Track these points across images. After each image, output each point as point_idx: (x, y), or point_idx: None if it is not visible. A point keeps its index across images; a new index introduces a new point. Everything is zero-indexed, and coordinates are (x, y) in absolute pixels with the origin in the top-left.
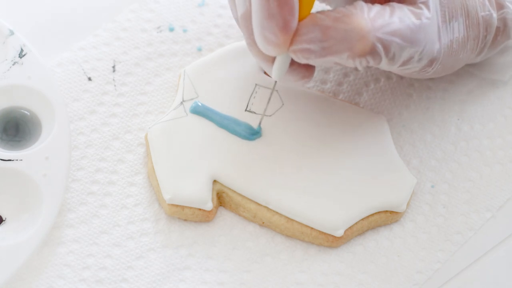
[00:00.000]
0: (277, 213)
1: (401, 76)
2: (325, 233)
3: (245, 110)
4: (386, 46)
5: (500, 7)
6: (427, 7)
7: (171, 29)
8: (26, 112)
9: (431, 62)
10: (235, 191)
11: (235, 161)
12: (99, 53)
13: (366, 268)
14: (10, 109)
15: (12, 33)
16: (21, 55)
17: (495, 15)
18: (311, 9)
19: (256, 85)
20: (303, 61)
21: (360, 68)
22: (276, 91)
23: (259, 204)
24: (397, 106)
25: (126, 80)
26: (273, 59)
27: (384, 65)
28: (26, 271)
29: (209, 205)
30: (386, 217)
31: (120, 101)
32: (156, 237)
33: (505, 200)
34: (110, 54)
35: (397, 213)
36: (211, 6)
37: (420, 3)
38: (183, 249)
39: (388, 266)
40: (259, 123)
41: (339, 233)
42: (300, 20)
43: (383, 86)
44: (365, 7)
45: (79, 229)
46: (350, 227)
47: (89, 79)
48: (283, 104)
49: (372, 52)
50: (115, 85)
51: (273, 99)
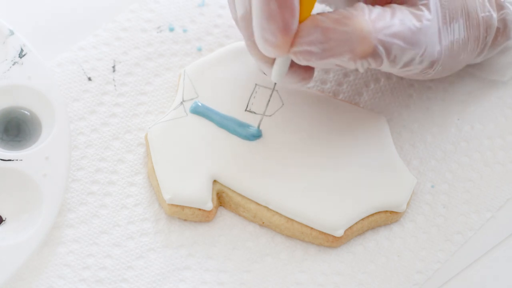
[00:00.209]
0: (277, 213)
1: (401, 77)
2: (325, 233)
3: (245, 110)
4: (388, 48)
5: (500, 8)
6: (428, 8)
7: (171, 29)
8: (26, 112)
9: (432, 64)
10: (235, 191)
11: (235, 161)
12: (99, 53)
13: (366, 268)
14: (10, 109)
15: (12, 33)
16: (21, 55)
17: (495, 15)
18: (311, 10)
19: (256, 85)
20: (304, 63)
21: (361, 70)
22: (276, 91)
23: (259, 204)
24: (397, 106)
25: (126, 80)
26: (273, 61)
27: (386, 67)
28: (26, 271)
29: (209, 205)
30: (386, 217)
31: (120, 101)
32: (156, 237)
33: (505, 200)
34: (110, 54)
35: (397, 213)
36: (211, 6)
37: (421, 4)
38: (183, 249)
39: (388, 266)
40: (258, 125)
41: (339, 233)
42: (301, 22)
43: (383, 86)
44: (366, 8)
45: (79, 229)
46: (350, 227)
47: (89, 79)
48: (283, 104)
49: (374, 54)
50: (115, 85)
51: (273, 99)
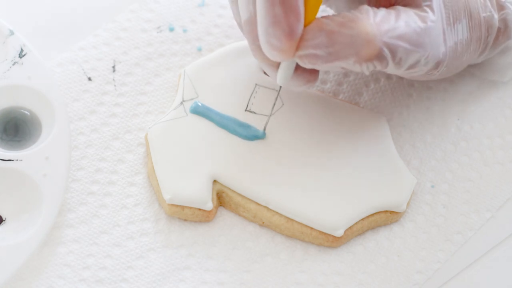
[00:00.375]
0: (277, 213)
1: (401, 76)
2: (325, 233)
3: (245, 110)
4: (393, 51)
5: (500, 8)
6: (432, 9)
7: (171, 29)
8: (26, 112)
9: (437, 65)
10: (235, 191)
11: (235, 161)
12: (99, 53)
13: (366, 268)
14: (10, 109)
15: (12, 33)
16: (21, 55)
17: (496, 16)
18: (316, 14)
19: (256, 85)
20: (309, 66)
21: (366, 72)
22: (276, 91)
23: (259, 204)
24: (397, 106)
25: (126, 80)
26: (277, 64)
27: (391, 69)
28: (26, 271)
29: (209, 205)
30: (386, 217)
31: (120, 101)
32: (156, 237)
33: (505, 200)
34: (110, 54)
35: (397, 213)
36: (211, 6)
37: (425, 6)
38: (183, 249)
39: (388, 266)
40: (264, 127)
41: (339, 233)
42: (306, 26)
43: (383, 86)
44: (371, 11)
45: (79, 229)
46: (350, 227)
47: (89, 79)
48: (283, 104)
49: (379, 56)
50: (115, 85)
51: (273, 99)
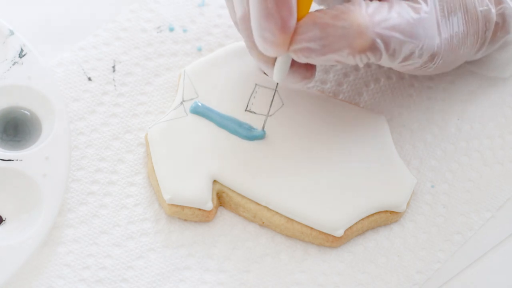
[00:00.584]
0: (277, 213)
1: (401, 76)
2: (325, 233)
3: (245, 110)
4: (386, 42)
5: (498, 2)
6: (425, 1)
7: (171, 29)
8: (26, 112)
9: (432, 57)
10: (235, 191)
11: (235, 161)
12: (99, 53)
13: (366, 268)
14: (10, 109)
15: (12, 33)
16: (21, 55)
17: (493, 10)
18: (309, 8)
19: (256, 85)
20: (303, 60)
21: (361, 65)
22: (277, 91)
23: (259, 204)
24: (397, 106)
25: (126, 80)
26: (273, 61)
27: (385, 61)
28: (26, 271)
29: (209, 205)
30: (386, 217)
31: (120, 101)
32: (156, 237)
33: (505, 200)
34: (110, 54)
35: (397, 213)
36: (211, 6)
37: None
38: (183, 249)
39: (388, 266)
40: (262, 126)
41: (339, 233)
42: (299, 20)
43: (383, 86)
44: (363, 3)
45: (79, 229)
46: (350, 227)
47: (89, 79)
48: (283, 104)
49: (372, 48)
50: (115, 85)
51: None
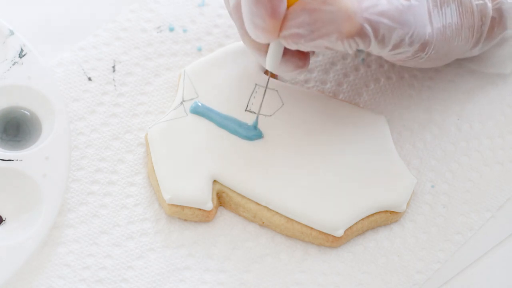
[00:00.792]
0: (277, 213)
1: (401, 76)
2: (325, 233)
3: (245, 110)
4: (375, 27)
5: None
6: None
7: (171, 29)
8: (26, 112)
9: (423, 47)
10: (235, 191)
11: (235, 161)
12: (99, 53)
13: (366, 268)
14: (10, 109)
15: (12, 33)
16: (21, 55)
17: (489, 4)
18: None
19: (256, 85)
20: (293, 46)
21: (350, 51)
22: (276, 91)
23: (259, 204)
24: (397, 106)
25: (126, 80)
26: (266, 49)
27: (375, 48)
28: (26, 271)
29: (209, 205)
30: (386, 217)
31: (120, 101)
32: (156, 237)
33: (505, 200)
34: (110, 54)
35: (397, 213)
36: (211, 6)
37: None
38: (183, 249)
39: (388, 266)
40: (254, 123)
41: (339, 233)
42: (289, 6)
43: (383, 86)
44: None
45: (79, 229)
46: (350, 227)
47: (89, 79)
48: (283, 104)
49: (361, 33)
50: (115, 85)
51: (273, 99)
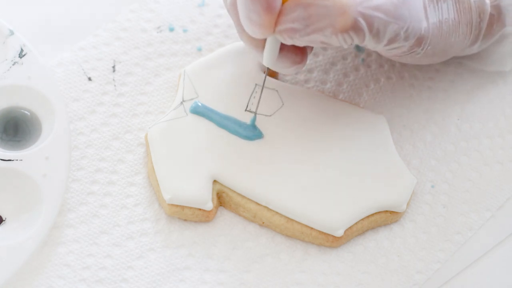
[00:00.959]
0: (277, 213)
1: (401, 76)
2: (325, 233)
3: (245, 110)
4: (369, 22)
5: None
6: None
7: (171, 29)
8: (26, 112)
9: (419, 42)
10: (235, 191)
11: (235, 161)
12: (99, 53)
13: (366, 268)
14: (10, 109)
15: (12, 33)
16: (21, 55)
17: (487, 1)
18: None
19: (256, 85)
20: (289, 41)
21: (345, 46)
22: (276, 91)
23: (259, 204)
24: (397, 106)
25: (126, 80)
26: (263, 45)
27: (370, 42)
28: (26, 271)
29: (209, 205)
30: (386, 217)
31: (120, 101)
32: (156, 237)
33: (504, 200)
34: (110, 54)
35: (397, 213)
36: (211, 6)
37: None
38: (183, 249)
39: (388, 266)
40: (251, 121)
41: (339, 233)
42: (285, 1)
43: (383, 86)
44: None
45: (79, 229)
46: (350, 227)
47: (89, 79)
48: (283, 104)
49: (355, 27)
50: (115, 85)
51: (273, 99)
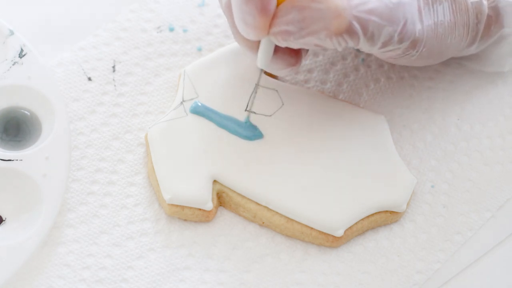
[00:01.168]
0: (277, 213)
1: (401, 76)
2: (325, 233)
3: (245, 110)
4: (364, 25)
5: None
6: None
7: (171, 29)
8: (26, 112)
9: (413, 44)
10: (235, 191)
11: (235, 161)
12: (99, 53)
13: (366, 268)
14: (10, 109)
15: (12, 33)
16: (21, 55)
17: (485, 2)
18: None
19: (256, 85)
20: (283, 44)
21: (339, 48)
22: (276, 91)
23: (259, 204)
24: (397, 106)
25: (126, 80)
26: (257, 47)
27: (364, 45)
28: (26, 271)
29: (209, 205)
30: (386, 217)
31: (120, 101)
32: (156, 237)
33: (505, 200)
34: (110, 54)
35: (397, 213)
36: (211, 6)
37: None
38: (183, 249)
39: (388, 266)
40: (246, 117)
41: (339, 233)
42: (280, 4)
43: (383, 86)
44: None
45: (79, 229)
46: (350, 227)
47: (89, 79)
48: (283, 104)
49: (349, 30)
50: (115, 85)
51: (273, 99)
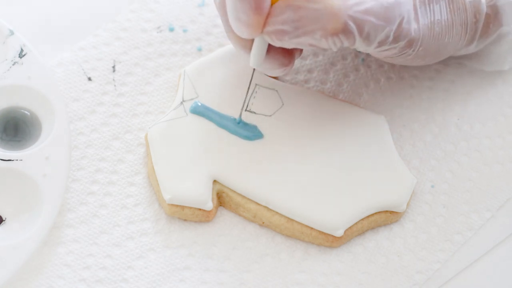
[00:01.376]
0: (277, 213)
1: (401, 76)
2: (325, 233)
3: (245, 110)
4: (360, 25)
5: None
6: None
7: (171, 29)
8: (26, 112)
9: (410, 43)
10: (235, 191)
11: (235, 161)
12: (99, 53)
13: (366, 268)
14: (10, 109)
15: (12, 33)
16: (21, 55)
17: (483, 1)
18: None
19: (256, 85)
20: (277, 43)
21: (334, 49)
22: (276, 91)
23: (259, 204)
24: (397, 106)
25: (126, 80)
26: (250, 46)
27: (360, 45)
28: (26, 271)
29: (209, 205)
30: (386, 217)
31: (120, 101)
32: (156, 237)
33: (505, 200)
34: (110, 54)
35: (397, 213)
36: (211, 6)
37: None
38: (183, 249)
39: (388, 266)
40: (239, 115)
41: (339, 233)
42: (274, 2)
43: (383, 86)
44: None
45: (79, 229)
46: (350, 227)
47: (89, 79)
48: (283, 104)
49: (345, 30)
50: (115, 85)
51: (273, 99)
